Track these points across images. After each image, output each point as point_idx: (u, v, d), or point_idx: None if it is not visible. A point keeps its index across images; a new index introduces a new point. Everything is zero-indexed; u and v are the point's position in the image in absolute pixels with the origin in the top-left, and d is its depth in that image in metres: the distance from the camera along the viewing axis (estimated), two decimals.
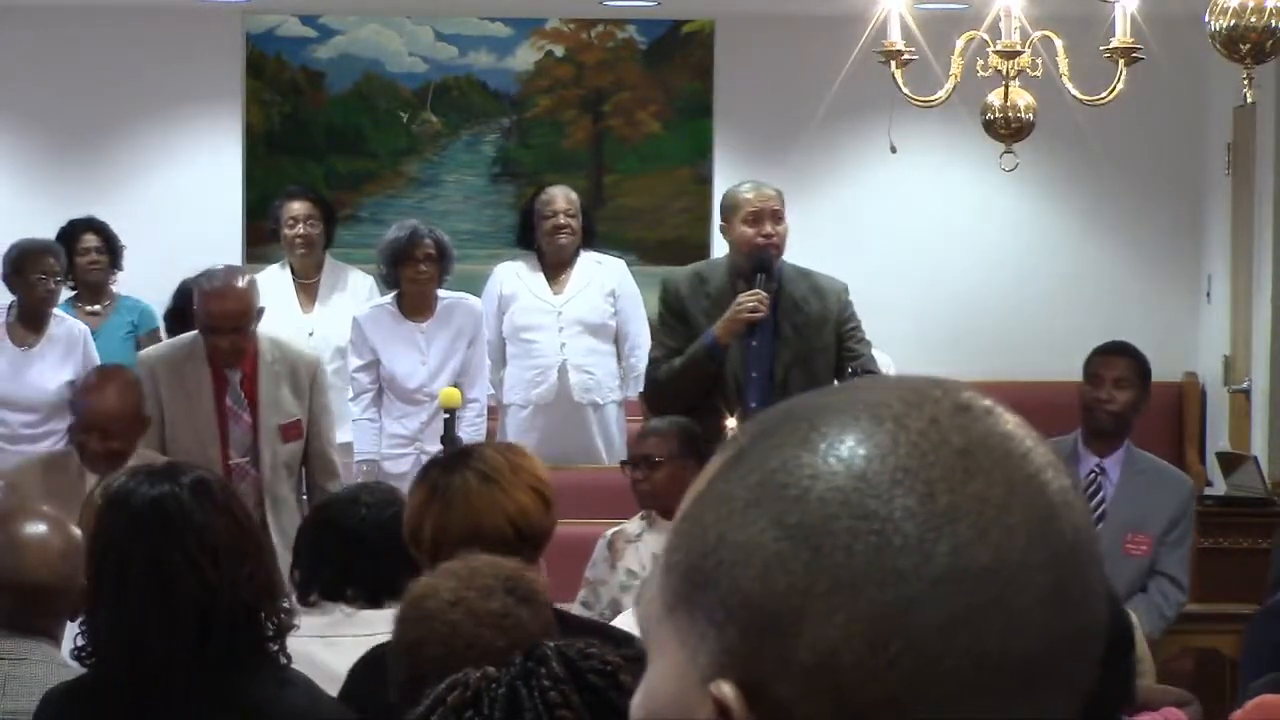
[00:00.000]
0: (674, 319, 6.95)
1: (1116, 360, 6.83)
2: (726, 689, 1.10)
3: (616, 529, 6.14)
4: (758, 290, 6.76)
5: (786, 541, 1.09)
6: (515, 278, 8.79)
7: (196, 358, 6.78)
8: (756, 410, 6.36)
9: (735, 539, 1.11)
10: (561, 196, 8.78)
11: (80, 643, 3.52)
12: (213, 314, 6.74)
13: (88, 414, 6.23)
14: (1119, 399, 6.70)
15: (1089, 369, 6.85)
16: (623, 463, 6.54)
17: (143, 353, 7.29)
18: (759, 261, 6.80)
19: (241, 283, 6.85)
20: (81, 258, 8.95)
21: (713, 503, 1.12)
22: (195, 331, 6.91)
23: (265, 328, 7.00)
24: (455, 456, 4.04)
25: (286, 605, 3.54)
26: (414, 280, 8.24)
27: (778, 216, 6.86)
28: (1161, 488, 6.75)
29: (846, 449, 1.10)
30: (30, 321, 8.33)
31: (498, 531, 3.81)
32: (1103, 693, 1.56)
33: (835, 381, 6.54)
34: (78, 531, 4.10)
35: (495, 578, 3.03)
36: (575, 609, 5.87)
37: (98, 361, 8.17)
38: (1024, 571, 1.08)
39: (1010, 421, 1.13)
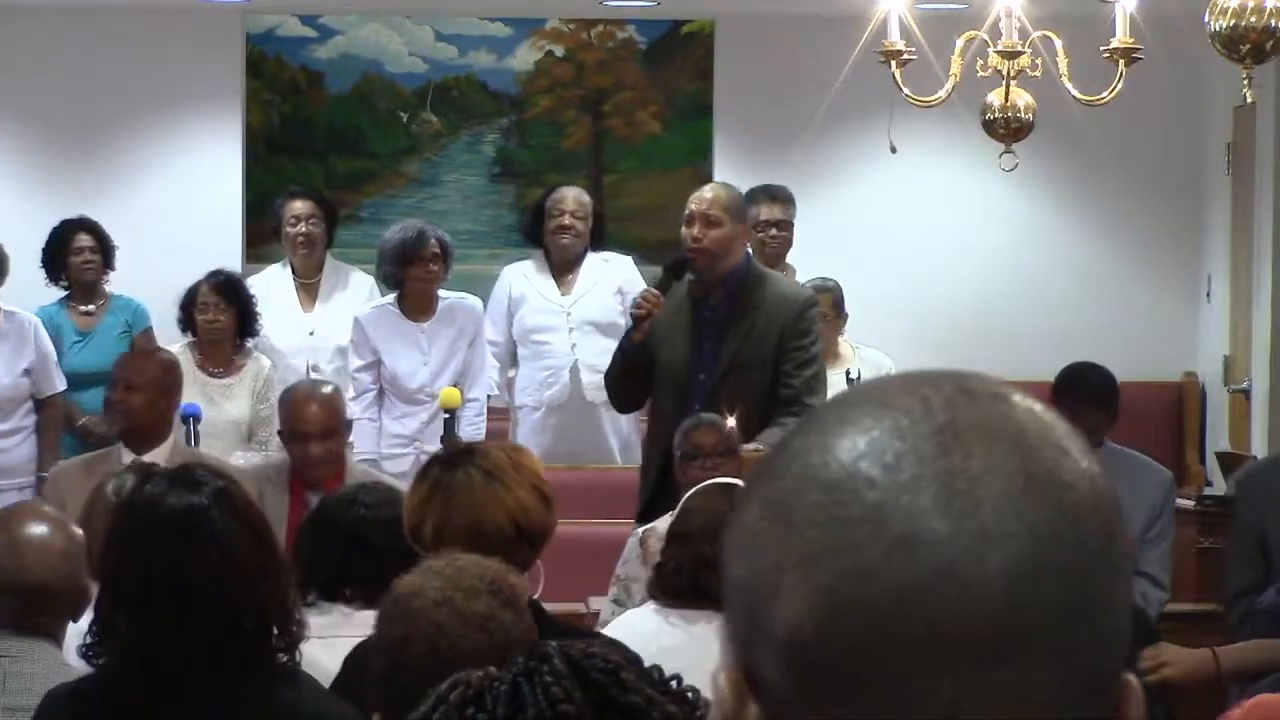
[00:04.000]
0: None
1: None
2: (721, 680, 1.13)
3: (648, 527, 6.04)
4: (650, 290, 6.87)
5: (766, 520, 1.11)
6: (523, 279, 8.79)
7: (277, 482, 6.40)
8: (700, 411, 6.38)
9: (734, 523, 1.14)
10: (571, 198, 8.78)
11: (90, 640, 3.50)
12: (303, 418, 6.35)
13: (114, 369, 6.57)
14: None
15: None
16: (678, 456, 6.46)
17: (237, 464, 6.80)
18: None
19: (328, 389, 6.62)
20: (75, 257, 8.88)
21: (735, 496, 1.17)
22: (280, 455, 6.63)
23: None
24: (458, 453, 4.03)
25: (299, 618, 3.52)
26: (422, 280, 8.26)
27: (708, 220, 6.81)
28: (1141, 484, 6.75)
29: (831, 433, 1.12)
30: None
31: (499, 529, 3.81)
32: None
33: (772, 398, 6.52)
34: (79, 531, 4.11)
35: (480, 580, 3.03)
36: (607, 606, 5.85)
37: (51, 349, 8.39)
38: (984, 542, 1.07)
39: (1022, 408, 1.13)
